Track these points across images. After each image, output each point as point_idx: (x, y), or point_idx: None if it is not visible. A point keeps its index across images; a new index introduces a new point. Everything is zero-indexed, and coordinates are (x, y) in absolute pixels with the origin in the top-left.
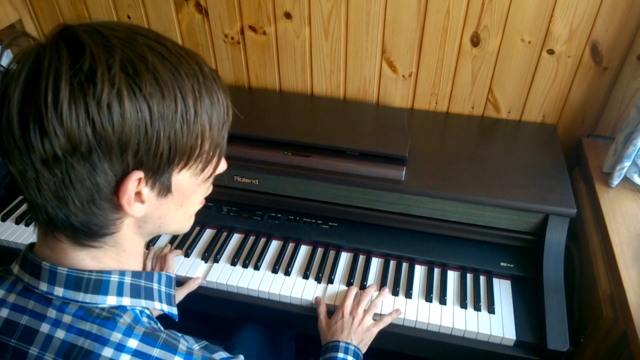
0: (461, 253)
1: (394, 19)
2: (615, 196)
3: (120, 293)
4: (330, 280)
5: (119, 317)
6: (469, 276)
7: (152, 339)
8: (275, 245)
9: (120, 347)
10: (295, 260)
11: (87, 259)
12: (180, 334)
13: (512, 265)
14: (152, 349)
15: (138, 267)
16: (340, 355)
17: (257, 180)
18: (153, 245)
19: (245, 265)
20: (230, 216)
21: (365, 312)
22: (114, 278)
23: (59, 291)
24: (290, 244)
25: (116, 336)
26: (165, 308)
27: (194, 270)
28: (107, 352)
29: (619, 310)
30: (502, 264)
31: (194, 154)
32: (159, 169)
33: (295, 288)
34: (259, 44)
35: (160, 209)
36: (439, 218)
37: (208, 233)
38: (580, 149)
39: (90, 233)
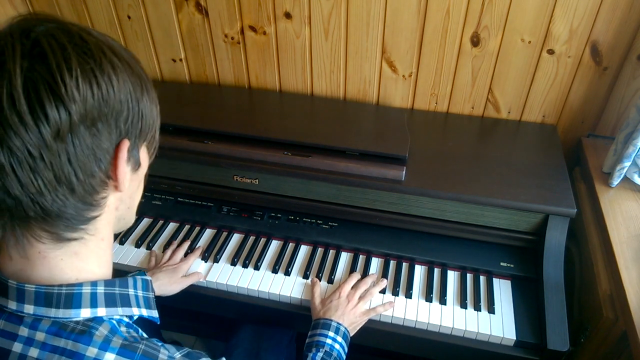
0: (461, 253)
1: (394, 19)
2: (615, 196)
3: (94, 304)
4: (330, 280)
5: (95, 329)
6: (469, 276)
7: (130, 352)
8: (275, 245)
9: None
10: (296, 260)
11: (65, 258)
12: (160, 343)
13: (512, 265)
14: None
15: (111, 261)
16: (331, 334)
17: (257, 180)
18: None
19: (245, 265)
20: (230, 216)
21: (361, 298)
22: (86, 290)
23: (29, 309)
24: (290, 244)
25: (92, 351)
26: (145, 313)
27: (194, 270)
28: None
29: (619, 310)
30: (502, 264)
31: (152, 129)
32: (137, 138)
33: (295, 288)
34: (259, 44)
35: (132, 185)
36: (439, 218)
37: (208, 233)
38: (580, 149)
39: (77, 218)
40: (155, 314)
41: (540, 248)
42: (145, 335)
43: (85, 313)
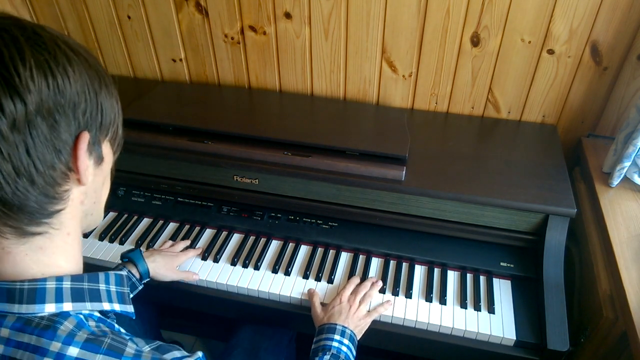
0: (461, 253)
1: (394, 19)
2: (615, 196)
3: (59, 299)
4: (330, 280)
5: (60, 324)
6: (469, 276)
7: (95, 345)
8: (275, 245)
9: (60, 357)
10: (295, 260)
11: (30, 253)
12: (129, 337)
13: (512, 265)
14: (95, 356)
15: (79, 256)
16: (337, 337)
17: (257, 180)
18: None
19: (245, 265)
20: (230, 216)
21: (361, 302)
22: (50, 285)
23: None
24: (290, 244)
25: (55, 345)
26: (117, 307)
27: (194, 269)
28: None
29: (619, 310)
30: (502, 264)
31: (114, 124)
32: (98, 132)
33: (295, 288)
34: (259, 44)
35: (96, 180)
36: (439, 218)
37: (208, 233)
38: (580, 149)
39: (41, 212)
40: (129, 309)
41: (540, 248)
42: (122, 331)
43: (49, 308)
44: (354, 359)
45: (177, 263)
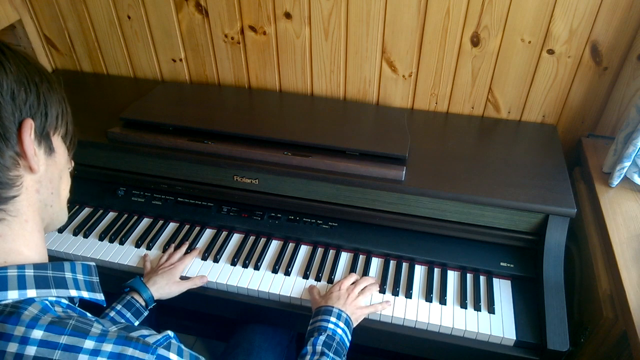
0: (461, 253)
1: (394, 19)
2: (615, 196)
3: (22, 286)
4: (330, 280)
5: (24, 310)
6: (469, 276)
7: (60, 327)
8: (275, 245)
9: (24, 340)
10: (296, 260)
11: None
12: (95, 318)
13: (512, 265)
14: (60, 337)
15: (42, 245)
16: (333, 319)
17: (257, 180)
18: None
19: (245, 265)
20: (230, 216)
21: (360, 293)
22: (12, 272)
23: None
24: (290, 244)
25: (19, 330)
26: (86, 295)
27: (194, 270)
28: (12, 347)
29: (619, 310)
30: (502, 264)
31: (62, 120)
32: (44, 123)
33: (295, 288)
34: (259, 44)
35: (49, 170)
36: (439, 218)
37: (208, 233)
38: (580, 149)
39: None
40: (99, 296)
41: (540, 248)
42: (90, 317)
43: (12, 295)
44: (349, 343)
45: (178, 274)
